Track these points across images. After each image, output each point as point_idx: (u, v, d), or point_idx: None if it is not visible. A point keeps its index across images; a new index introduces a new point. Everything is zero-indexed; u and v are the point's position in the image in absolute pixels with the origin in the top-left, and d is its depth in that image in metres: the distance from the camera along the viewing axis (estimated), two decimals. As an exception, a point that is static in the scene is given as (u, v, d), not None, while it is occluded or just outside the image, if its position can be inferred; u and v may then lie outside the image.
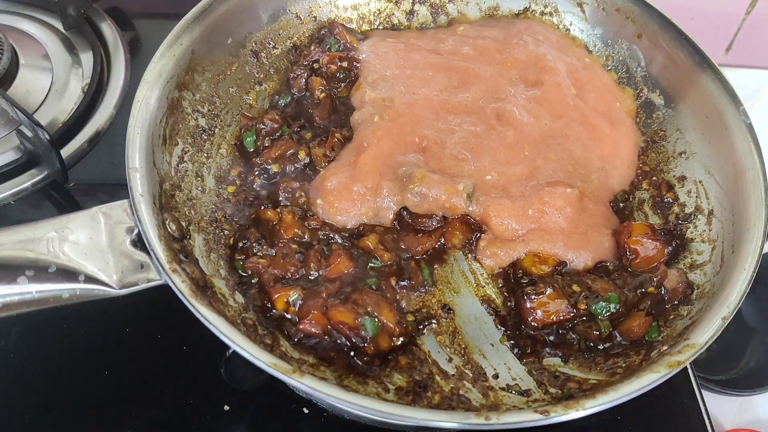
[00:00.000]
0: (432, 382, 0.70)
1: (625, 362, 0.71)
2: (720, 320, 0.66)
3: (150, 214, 0.67)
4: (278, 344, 0.70)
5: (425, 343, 0.74)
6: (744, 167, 0.79)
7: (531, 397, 0.70)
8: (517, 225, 0.78)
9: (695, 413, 0.80)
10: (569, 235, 0.78)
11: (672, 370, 0.63)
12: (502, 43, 0.95)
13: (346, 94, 0.91)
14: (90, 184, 0.93)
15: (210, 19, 0.84)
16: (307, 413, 0.76)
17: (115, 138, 0.95)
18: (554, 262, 0.78)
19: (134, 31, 1.10)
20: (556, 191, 0.79)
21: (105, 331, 0.80)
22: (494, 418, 0.59)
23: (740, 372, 1.10)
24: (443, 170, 0.81)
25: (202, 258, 0.74)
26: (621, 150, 0.89)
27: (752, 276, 0.69)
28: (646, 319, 0.73)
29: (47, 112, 0.96)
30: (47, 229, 0.65)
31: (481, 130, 0.84)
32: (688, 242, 0.81)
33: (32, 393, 0.76)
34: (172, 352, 0.79)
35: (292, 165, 0.84)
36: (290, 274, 0.75)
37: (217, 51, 0.86)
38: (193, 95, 0.83)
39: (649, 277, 0.77)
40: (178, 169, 0.78)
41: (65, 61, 1.02)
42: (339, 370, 0.69)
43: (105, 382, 0.77)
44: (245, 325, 0.69)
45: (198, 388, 0.77)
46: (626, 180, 0.88)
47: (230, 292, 0.73)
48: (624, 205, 0.86)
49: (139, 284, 0.66)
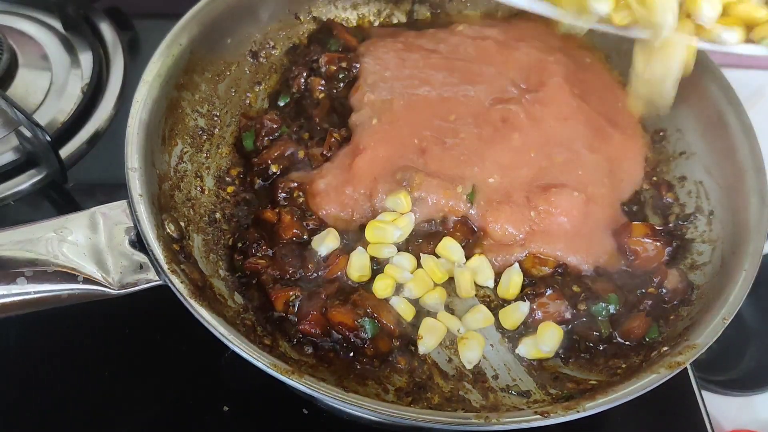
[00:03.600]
0: (432, 383, 0.70)
1: (625, 363, 0.70)
2: (720, 321, 0.66)
3: (149, 215, 0.67)
4: (277, 345, 0.70)
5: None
6: (744, 167, 0.79)
7: (531, 398, 0.69)
8: (515, 231, 0.78)
9: (695, 413, 0.80)
10: (572, 237, 0.78)
11: (672, 371, 0.63)
12: (502, 43, 0.95)
13: (345, 94, 0.91)
14: (89, 185, 0.93)
15: (209, 20, 0.84)
16: (306, 414, 0.76)
17: (114, 138, 0.95)
18: (554, 264, 0.78)
19: (133, 31, 1.10)
20: (562, 194, 0.79)
21: (104, 332, 0.80)
22: (494, 419, 0.59)
23: (740, 372, 1.10)
24: (443, 172, 0.80)
25: (201, 258, 0.74)
26: (628, 152, 0.88)
27: (752, 277, 0.69)
28: (647, 319, 0.73)
29: (46, 112, 0.96)
30: (46, 230, 0.65)
31: (485, 132, 0.83)
32: (688, 243, 0.81)
33: (31, 393, 0.76)
34: (171, 352, 0.79)
35: (291, 165, 0.84)
36: (289, 275, 0.74)
37: (217, 51, 0.86)
38: (192, 95, 0.83)
39: (649, 277, 0.77)
40: (177, 170, 0.78)
41: (64, 61, 1.02)
42: (338, 370, 0.69)
43: (104, 383, 0.76)
44: (244, 326, 0.69)
45: (197, 388, 0.77)
46: (636, 181, 0.87)
47: (229, 293, 0.72)
48: (637, 208, 0.86)
49: (138, 285, 0.66)
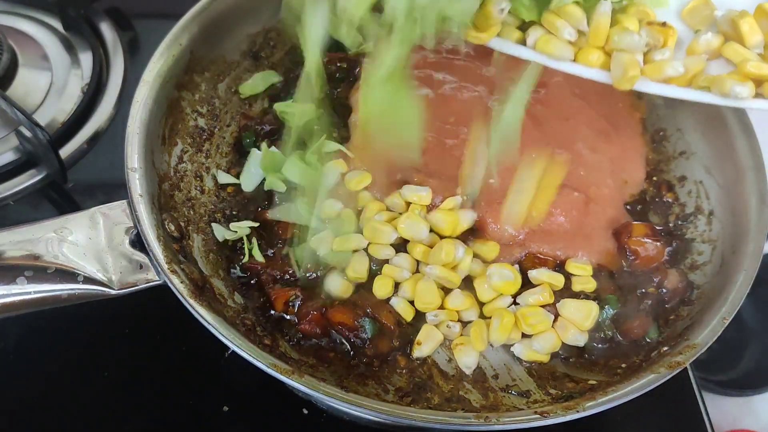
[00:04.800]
0: (432, 383, 0.70)
1: (625, 363, 0.70)
2: (720, 321, 0.66)
3: (149, 215, 0.67)
4: (277, 345, 0.70)
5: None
6: (744, 167, 0.79)
7: (531, 397, 0.69)
8: (515, 231, 0.78)
9: (695, 413, 0.80)
10: (572, 237, 0.78)
11: (672, 371, 0.63)
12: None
13: (345, 94, 0.91)
14: (89, 185, 0.93)
15: (209, 20, 0.84)
16: (306, 414, 0.76)
17: (114, 138, 0.95)
18: (554, 264, 0.77)
19: (133, 31, 1.10)
20: (562, 194, 0.78)
21: (104, 332, 0.80)
22: (494, 419, 0.59)
23: (740, 372, 1.10)
24: (443, 172, 0.80)
25: (201, 258, 0.73)
26: (629, 152, 0.88)
27: (752, 277, 0.69)
28: (647, 319, 0.73)
29: (46, 112, 0.96)
30: (46, 230, 0.65)
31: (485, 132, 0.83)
32: (688, 243, 0.81)
33: (31, 393, 0.76)
34: (171, 352, 0.79)
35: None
36: (289, 275, 0.74)
37: (217, 51, 0.86)
38: (192, 95, 0.83)
39: (649, 277, 0.77)
40: (177, 170, 0.78)
41: (64, 61, 1.02)
42: (338, 370, 0.69)
43: (104, 383, 0.77)
44: (244, 326, 0.69)
45: (197, 388, 0.77)
46: (638, 182, 0.86)
47: (229, 293, 0.73)
48: (641, 207, 0.85)
49: (138, 285, 0.66)
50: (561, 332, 0.72)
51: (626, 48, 0.63)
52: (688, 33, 0.69)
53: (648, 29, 0.65)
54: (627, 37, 0.63)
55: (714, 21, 0.68)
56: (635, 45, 0.63)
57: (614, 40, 0.64)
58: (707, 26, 0.68)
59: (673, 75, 0.64)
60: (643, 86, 0.65)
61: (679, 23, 0.69)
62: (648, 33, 0.65)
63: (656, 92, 0.66)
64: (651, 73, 0.65)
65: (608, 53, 0.65)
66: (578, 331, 0.72)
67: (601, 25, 0.63)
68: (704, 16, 0.68)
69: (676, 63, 0.64)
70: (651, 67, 0.65)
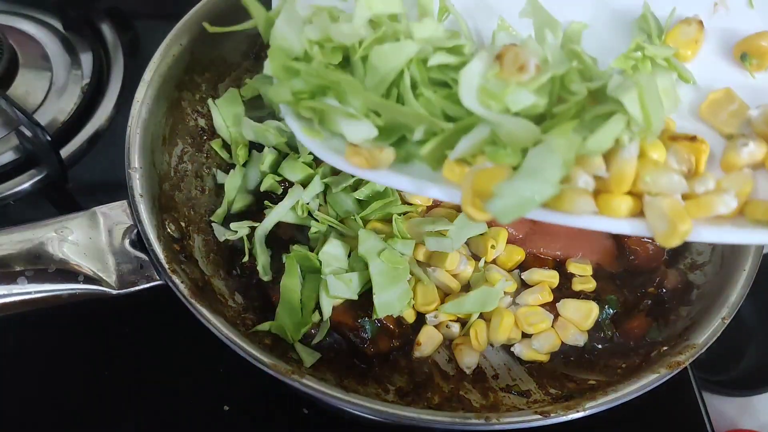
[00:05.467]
0: (432, 383, 0.70)
1: (625, 363, 0.71)
2: (720, 321, 0.66)
3: (149, 215, 0.67)
4: (278, 345, 0.70)
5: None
6: (744, 167, 0.78)
7: (531, 397, 0.70)
8: (515, 231, 0.78)
9: (695, 413, 0.80)
10: (572, 237, 0.78)
11: (672, 371, 0.63)
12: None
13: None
14: (89, 185, 0.93)
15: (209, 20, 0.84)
16: (306, 413, 0.76)
17: (115, 138, 0.95)
18: (553, 264, 0.77)
19: (134, 31, 1.10)
20: None
21: (104, 332, 0.80)
22: (494, 419, 0.59)
23: (740, 372, 1.10)
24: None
25: (202, 258, 0.73)
26: None
27: (752, 277, 0.69)
28: (646, 319, 0.73)
29: (46, 112, 0.96)
30: (46, 230, 0.65)
31: None
32: (688, 242, 0.81)
33: (31, 393, 0.76)
34: (171, 352, 0.79)
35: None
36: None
37: (217, 52, 0.86)
38: (193, 95, 0.83)
39: (649, 277, 0.77)
40: (177, 170, 0.78)
41: (64, 61, 1.02)
42: (339, 370, 0.69)
43: (104, 383, 0.77)
44: (245, 326, 0.69)
45: (198, 388, 0.77)
46: None
47: (230, 293, 0.73)
48: None
49: (138, 284, 0.66)
50: (561, 332, 0.72)
51: (663, 191, 0.46)
52: (713, 137, 0.53)
53: (674, 148, 0.49)
54: (664, 178, 0.46)
55: (746, 120, 0.52)
56: (675, 186, 0.46)
57: (645, 181, 0.46)
58: (737, 127, 0.52)
59: (725, 212, 0.46)
60: (695, 236, 0.46)
61: (697, 124, 0.54)
62: (676, 155, 0.49)
63: (714, 241, 0.48)
64: (697, 213, 0.46)
65: (636, 195, 0.47)
66: (578, 331, 0.72)
67: (626, 173, 0.46)
68: (731, 114, 0.53)
69: (727, 196, 0.45)
70: (694, 204, 0.46)
